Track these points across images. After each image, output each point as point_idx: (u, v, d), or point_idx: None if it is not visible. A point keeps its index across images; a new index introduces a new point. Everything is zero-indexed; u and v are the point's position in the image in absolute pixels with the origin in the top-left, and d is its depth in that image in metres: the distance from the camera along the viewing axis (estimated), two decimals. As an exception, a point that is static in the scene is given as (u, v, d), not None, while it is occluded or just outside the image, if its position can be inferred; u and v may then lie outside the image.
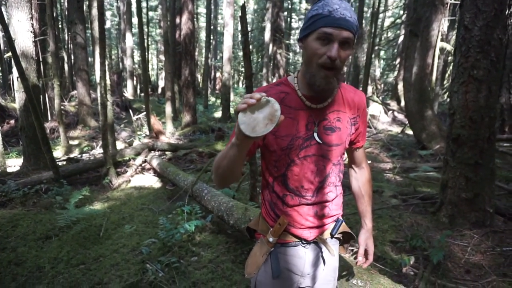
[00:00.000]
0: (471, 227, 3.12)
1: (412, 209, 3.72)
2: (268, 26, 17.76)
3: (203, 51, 25.21)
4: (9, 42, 4.04)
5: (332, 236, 1.28)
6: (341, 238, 1.34)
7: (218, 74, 30.72)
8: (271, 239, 1.22)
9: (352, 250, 2.83)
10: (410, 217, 3.47)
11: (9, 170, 5.87)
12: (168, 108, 10.20)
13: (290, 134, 1.16)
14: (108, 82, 5.59)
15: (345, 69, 23.29)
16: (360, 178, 1.44)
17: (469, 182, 3.13)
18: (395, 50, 21.33)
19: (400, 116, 12.17)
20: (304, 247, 1.24)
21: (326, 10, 1.04)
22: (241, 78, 34.88)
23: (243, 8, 3.27)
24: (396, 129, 10.75)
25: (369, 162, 6.43)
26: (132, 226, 3.44)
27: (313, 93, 1.16)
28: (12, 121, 9.08)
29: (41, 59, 8.56)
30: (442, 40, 10.56)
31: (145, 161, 6.16)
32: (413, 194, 4.13)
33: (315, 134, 1.16)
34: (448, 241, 2.94)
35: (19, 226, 3.49)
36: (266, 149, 1.22)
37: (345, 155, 1.38)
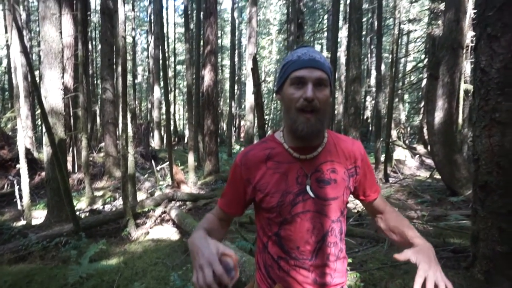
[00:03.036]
0: (511, 285, 2.79)
1: (443, 263, 3.41)
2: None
3: (228, 100, 26.04)
4: (39, 100, 4.30)
5: None
6: None
7: (242, 123, 31.37)
8: None
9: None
10: (440, 272, 3.17)
11: (34, 221, 6.00)
12: (190, 158, 10.34)
13: (280, 190, 1.08)
14: (130, 133, 5.76)
15: (369, 113, 23.19)
16: (387, 217, 1.25)
17: (504, 234, 2.86)
18: (420, 93, 21.17)
19: (428, 160, 11.73)
20: None
21: (295, 56, 1.07)
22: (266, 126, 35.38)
23: (254, 60, 3.35)
24: (424, 174, 10.31)
25: (396, 209, 6.11)
26: (143, 283, 3.32)
27: (300, 141, 1.10)
28: (43, 173, 9.44)
29: (71, 114, 9.06)
30: (465, 82, 10.39)
31: (164, 212, 6.13)
32: (444, 246, 3.81)
33: (308, 188, 1.08)
34: (485, 302, 2.63)
35: (33, 281, 3.46)
36: (258, 206, 1.15)
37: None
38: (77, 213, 5.66)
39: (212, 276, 0.82)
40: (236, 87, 28.24)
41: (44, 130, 5.27)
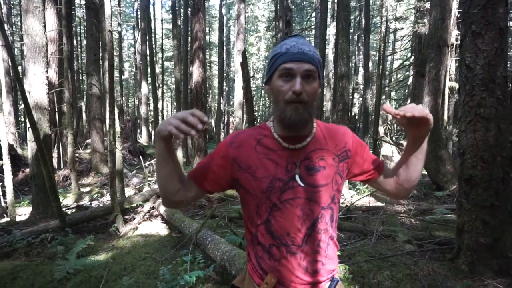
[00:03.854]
0: (494, 275, 2.87)
1: (429, 255, 3.48)
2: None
3: (216, 97, 25.94)
4: (22, 94, 4.21)
5: None
6: None
7: (231, 119, 31.30)
8: None
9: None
10: (426, 264, 3.24)
11: (18, 218, 5.88)
12: (179, 154, 10.28)
13: (269, 175, 1.09)
14: (118, 130, 5.69)
15: (356, 110, 23.41)
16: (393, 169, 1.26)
17: (487, 226, 2.94)
18: (406, 91, 21.47)
19: (415, 156, 11.88)
20: None
21: (284, 48, 1.07)
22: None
23: (244, 55, 3.35)
24: (411, 170, 10.43)
25: (383, 204, 6.21)
26: (132, 277, 3.30)
27: (288, 131, 1.11)
28: (27, 170, 9.25)
29: (56, 110, 8.90)
30: (450, 80, 10.57)
31: (153, 208, 6.09)
32: (429, 238, 3.89)
33: (297, 176, 1.09)
34: (469, 291, 2.70)
35: (18, 278, 3.40)
36: (246, 192, 1.15)
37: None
38: (64, 209, 5.57)
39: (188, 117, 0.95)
40: (224, 83, 28.17)
41: (28, 125, 5.17)
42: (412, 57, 15.54)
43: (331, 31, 17.61)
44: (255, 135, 1.16)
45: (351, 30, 18.71)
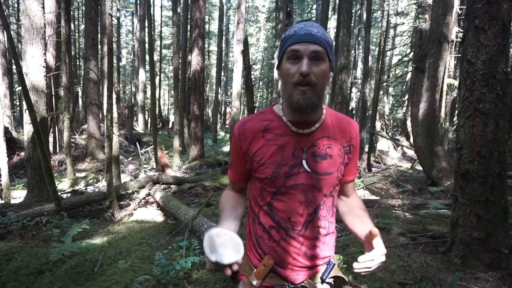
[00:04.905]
0: (485, 269, 2.91)
1: (422, 248, 3.52)
2: (277, 63, 18.21)
3: (214, 87, 25.81)
4: (19, 75, 4.15)
5: (322, 281, 1.15)
6: (332, 283, 1.20)
7: (228, 109, 31.22)
8: (254, 282, 1.11)
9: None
10: (419, 257, 3.28)
11: (13, 201, 5.85)
12: (176, 142, 10.26)
13: (276, 161, 1.09)
14: (115, 115, 5.66)
15: (354, 104, 23.42)
16: (350, 202, 1.30)
17: (481, 220, 2.97)
18: (404, 87, 21.49)
19: (410, 152, 12.00)
20: None
21: (292, 31, 1.07)
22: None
23: (246, 42, 3.32)
24: (406, 165, 10.55)
25: (378, 198, 6.25)
26: (127, 262, 3.31)
27: (297, 115, 1.11)
28: (22, 153, 9.19)
29: (53, 93, 8.80)
30: (449, 76, 10.58)
31: (148, 194, 6.09)
32: (423, 232, 3.94)
33: (304, 162, 1.09)
34: (461, 284, 2.74)
35: (13, 259, 3.40)
36: (252, 177, 1.17)
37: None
38: (59, 193, 5.56)
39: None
40: (222, 73, 27.99)
41: (25, 108, 5.12)
42: (412, 53, 15.53)
43: (331, 24, 17.50)
44: (261, 121, 1.16)
45: (352, 24, 18.61)
